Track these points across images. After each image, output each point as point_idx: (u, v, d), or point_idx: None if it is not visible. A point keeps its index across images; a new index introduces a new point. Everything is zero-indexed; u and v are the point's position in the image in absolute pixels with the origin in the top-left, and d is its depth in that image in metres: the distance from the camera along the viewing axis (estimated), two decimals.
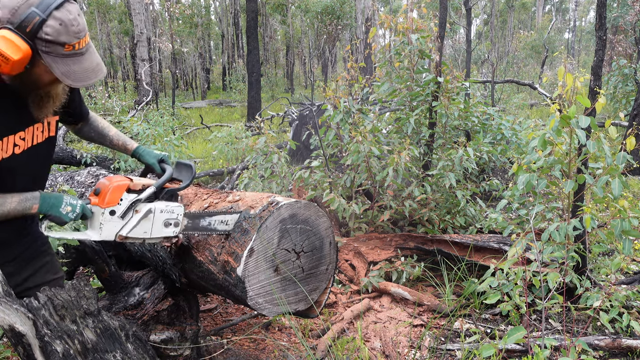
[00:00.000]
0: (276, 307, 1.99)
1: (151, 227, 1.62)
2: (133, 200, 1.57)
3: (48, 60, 1.29)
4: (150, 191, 1.61)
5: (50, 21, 1.26)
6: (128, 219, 1.57)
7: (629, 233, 2.38)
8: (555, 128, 2.49)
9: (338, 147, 4.38)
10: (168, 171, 1.71)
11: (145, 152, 1.84)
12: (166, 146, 6.08)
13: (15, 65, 1.26)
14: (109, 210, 1.54)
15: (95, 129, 1.85)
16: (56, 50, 1.29)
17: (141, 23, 14.00)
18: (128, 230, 1.57)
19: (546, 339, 2.00)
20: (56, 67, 1.30)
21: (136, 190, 1.61)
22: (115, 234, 1.57)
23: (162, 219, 1.64)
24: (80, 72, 1.34)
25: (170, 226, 1.68)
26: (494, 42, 29.01)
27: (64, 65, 1.31)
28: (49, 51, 1.28)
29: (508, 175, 5.53)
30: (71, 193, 2.73)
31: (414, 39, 3.98)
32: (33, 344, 1.18)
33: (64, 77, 1.31)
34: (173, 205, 1.67)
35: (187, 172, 1.80)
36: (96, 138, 1.86)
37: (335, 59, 22.06)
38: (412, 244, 3.60)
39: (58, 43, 1.28)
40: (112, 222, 1.55)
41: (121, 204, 1.55)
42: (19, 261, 1.61)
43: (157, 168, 1.82)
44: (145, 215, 1.59)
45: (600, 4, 2.96)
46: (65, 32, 1.28)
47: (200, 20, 26.58)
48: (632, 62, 10.42)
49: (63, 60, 1.30)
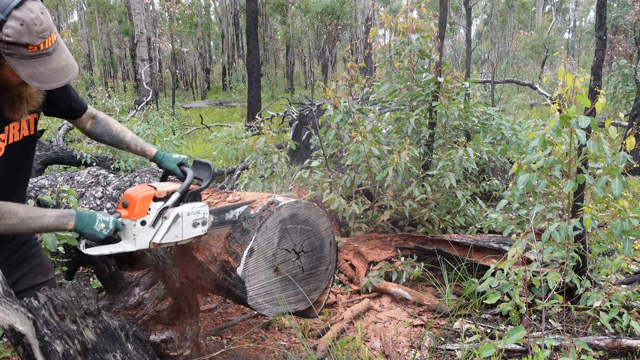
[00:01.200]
0: (276, 307, 1.99)
1: (181, 231, 1.69)
2: (161, 208, 1.63)
3: (12, 63, 1.23)
4: (176, 197, 1.67)
5: (10, 22, 1.19)
6: (159, 226, 1.63)
7: (629, 233, 2.38)
8: (555, 128, 2.49)
9: (338, 147, 4.38)
10: (189, 175, 1.76)
11: (165, 158, 1.85)
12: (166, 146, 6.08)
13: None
14: (139, 221, 1.59)
15: (109, 132, 1.83)
16: (19, 51, 1.23)
17: (141, 23, 14.00)
18: (160, 237, 1.64)
19: (546, 339, 2.00)
20: (21, 70, 1.24)
21: (162, 198, 1.67)
22: (149, 242, 1.63)
23: (190, 220, 1.71)
24: (47, 74, 1.28)
25: (198, 226, 1.74)
26: (494, 42, 29.01)
27: (30, 67, 1.25)
28: (11, 53, 1.22)
29: (508, 175, 5.53)
30: (71, 193, 2.73)
31: (414, 39, 3.98)
32: (33, 344, 1.18)
33: (30, 79, 1.25)
34: (198, 205, 1.73)
35: (206, 170, 1.85)
36: (110, 141, 1.84)
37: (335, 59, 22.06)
38: (412, 244, 3.60)
39: (20, 44, 1.22)
40: (145, 231, 1.61)
41: (150, 213, 1.61)
42: (7, 264, 1.61)
43: (178, 172, 1.85)
44: (174, 220, 1.66)
45: (600, 4, 2.96)
46: (27, 32, 1.21)
47: (200, 20, 26.59)
48: (632, 62, 10.42)
49: (28, 61, 1.24)
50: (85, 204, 3.10)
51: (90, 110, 1.82)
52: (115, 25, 27.83)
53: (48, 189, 3.02)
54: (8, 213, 1.37)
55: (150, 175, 3.09)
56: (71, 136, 9.74)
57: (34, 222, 1.41)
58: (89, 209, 2.88)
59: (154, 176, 3.08)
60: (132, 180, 2.96)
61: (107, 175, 3.25)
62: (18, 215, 1.39)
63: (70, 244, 2.28)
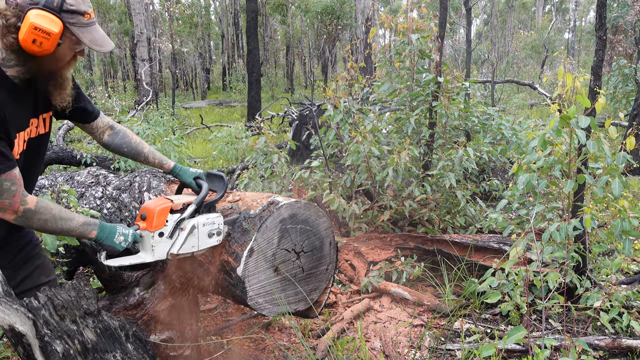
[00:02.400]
0: (276, 307, 1.99)
1: (197, 241, 1.76)
2: (178, 219, 1.69)
3: (75, 31, 1.39)
4: (192, 209, 1.73)
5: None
6: (176, 237, 1.70)
7: (629, 233, 2.38)
8: (555, 128, 2.49)
9: (338, 147, 4.38)
10: (204, 188, 1.82)
11: (182, 172, 1.91)
12: (166, 146, 6.08)
13: (55, 40, 1.35)
14: (157, 232, 1.65)
15: (128, 144, 1.87)
16: (79, 20, 1.39)
17: (141, 23, 14.00)
18: (178, 248, 1.70)
19: (546, 339, 2.00)
20: (84, 36, 1.40)
21: (178, 210, 1.73)
22: (166, 253, 1.69)
23: (206, 231, 1.77)
24: (100, 39, 1.44)
25: (213, 236, 1.81)
26: (494, 42, 29.00)
27: (88, 33, 1.42)
28: (74, 22, 1.39)
29: (508, 175, 5.52)
30: (71, 193, 2.73)
31: (414, 39, 3.98)
32: (33, 344, 1.18)
33: (92, 43, 1.42)
34: (213, 216, 1.80)
35: (220, 182, 1.93)
36: (129, 153, 1.88)
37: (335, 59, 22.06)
38: (412, 244, 3.60)
39: (79, 12, 1.39)
40: (162, 243, 1.67)
41: (167, 225, 1.68)
42: (12, 265, 1.62)
43: (194, 185, 1.91)
44: (191, 231, 1.72)
45: (600, 4, 2.96)
46: (82, 1, 1.40)
47: (200, 20, 26.58)
48: (632, 62, 10.42)
49: (87, 29, 1.41)
50: (85, 204, 3.10)
51: (107, 120, 1.86)
52: (115, 25, 27.82)
53: (48, 189, 3.02)
54: (44, 209, 1.44)
55: (150, 175, 3.09)
56: (71, 136, 9.73)
57: (64, 223, 1.48)
58: (89, 209, 2.88)
59: (153, 176, 3.08)
60: (132, 180, 2.96)
61: (107, 175, 3.25)
62: (52, 213, 1.46)
63: (70, 244, 2.28)
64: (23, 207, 1.41)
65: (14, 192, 1.39)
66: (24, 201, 1.41)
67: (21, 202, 1.40)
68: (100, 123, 1.82)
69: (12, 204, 1.39)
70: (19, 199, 1.40)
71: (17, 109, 1.43)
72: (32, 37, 1.32)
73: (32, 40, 1.32)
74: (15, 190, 1.39)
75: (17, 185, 1.40)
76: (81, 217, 1.52)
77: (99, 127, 1.82)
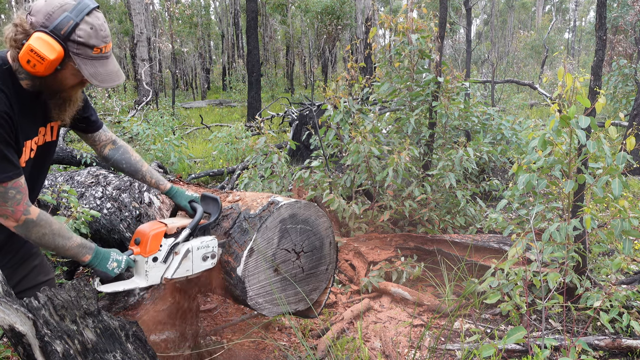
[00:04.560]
0: (276, 307, 1.99)
1: (192, 265, 1.75)
2: (172, 244, 1.69)
3: (78, 62, 1.39)
4: (187, 233, 1.74)
5: (82, 25, 1.37)
6: (170, 261, 1.70)
7: (629, 233, 2.38)
8: (555, 128, 2.49)
9: (338, 147, 4.38)
10: (199, 211, 1.83)
11: (177, 194, 1.92)
12: (166, 146, 6.08)
13: (49, 65, 1.35)
14: (151, 257, 1.65)
15: (128, 160, 1.88)
16: (85, 52, 1.39)
17: (141, 23, 14.00)
18: (172, 272, 1.70)
19: (546, 339, 2.00)
20: (85, 68, 1.40)
21: (172, 234, 1.73)
22: (160, 278, 1.69)
23: (200, 255, 1.77)
24: (105, 74, 1.44)
25: (208, 259, 1.80)
26: (494, 42, 29.00)
27: (92, 67, 1.41)
28: (79, 53, 1.38)
29: (508, 175, 5.52)
30: (72, 193, 2.73)
31: (414, 39, 3.98)
32: (33, 344, 1.18)
33: (91, 77, 1.41)
34: (207, 240, 1.80)
35: (214, 205, 1.92)
36: (127, 170, 1.88)
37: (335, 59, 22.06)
38: (412, 244, 3.60)
39: (88, 45, 1.38)
40: (156, 267, 1.67)
41: (161, 249, 1.67)
42: (11, 265, 1.63)
43: (189, 209, 1.91)
44: (185, 255, 1.72)
45: (600, 4, 2.96)
46: (95, 35, 1.39)
47: (200, 20, 26.57)
48: (632, 62, 10.42)
49: (91, 62, 1.41)
50: (85, 204, 3.10)
51: (110, 134, 1.87)
52: (115, 25, 27.82)
53: (48, 189, 3.02)
54: (45, 222, 1.46)
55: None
56: (71, 136, 9.72)
57: (61, 240, 1.49)
58: (89, 208, 2.88)
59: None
60: (132, 180, 2.96)
61: (107, 175, 3.25)
62: (52, 227, 1.47)
63: None
64: (25, 216, 1.42)
65: (19, 201, 1.41)
66: (27, 211, 1.43)
67: (24, 211, 1.42)
68: (103, 136, 1.84)
69: (14, 212, 1.41)
70: (22, 208, 1.42)
71: (27, 118, 1.46)
72: (27, 57, 1.34)
73: (27, 61, 1.34)
74: (20, 199, 1.41)
75: (22, 194, 1.42)
76: (78, 239, 1.53)
77: (102, 140, 1.84)
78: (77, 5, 1.37)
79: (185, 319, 2.14)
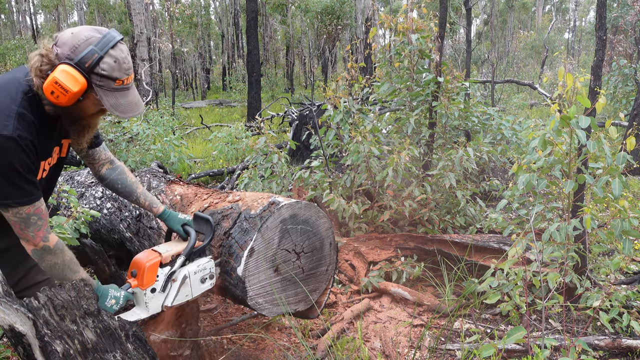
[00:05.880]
0: (276, 307, 1.99)
1: (191, 290, 1.77)
2: (168, 273, 1.70)
3: (100, 93, 1.42)
4: (182, 260, 1.74)
5: (106, 58, 1.40)
6: (168, 290, 1.71)
7: (629, 233, 2.38)
8: (555, 128, 2.49)
9: (338, 147, 4.38)
10: (192, 236, 1.81)
11: (170, 218, 1.91)
12: (166, 146, 6.08)
13: (72, 97, 1.38)
14: (149, 289, 1.67)
15: (124, 181, 1.87)
16: (108, 84, 1.42)
17: (141, 23, 14.00)
18: (172, 300, 1.71)
19: (546, 339, 2.00)
20: (106, 100, 1.43)
21: (168, 262, 1.73)
22: (161, 306, 1.70)
23: (197, 278, 1.78)
24: (125, 105, 1.47)
25: (206, 281, 1.81)
26: (494, 42, 28.99)
27: (113, 98, 1.44)
28: (101, 85, 1.41)
29: (508, 175, 5.52)
30: (72, 193, 2.73)
31: (414, 39, 3.98)
32: (33, 344, 1.18)
33: (112, 108, 1.44)
34: (203, 262, 1.80)
35: (207, 225, 1.91)
36: (122, 191, 1.88)
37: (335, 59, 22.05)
38: (412, 244, 3.60)
39: (111, 78, 1.41)
40: (155, 297, 1.68)
41: (158, 279, 1.68)
42: (11, 264, 1.65)
43: (182, 232, 1.90)
44: (183, 281, 1.73)
45: (600, 4, 2.96)
46: (118, 68, 1.42)
47: (200, 20, 26.57)
48: (632, 62, 10.42)
49: (113, 93, 1.44)
50: (85, 204, 3.10)
51: (109, 154, 1.88)
52: (115, 25, 27.80)
53: None
54: (60, 251, 1.52)
55: (150, 175, 3.09)
56: None
57: (68, 272, 1.54)
58: (89, 208, 2.88)
59: (153, 176, 3.07)
60: None
61: None
62: (64, 259, 1.53)
63: (70, 244, 2.28)
64: (44, 243, 1.48)
65: (39, 227, 1.46)
66: (46, 237, 1.48)
67: (43, 237, 1.47)
68: (103, 155, 1.84)
69: (35, 237, 1.46)
70: (42, 234, 1.47)
71: (45, 140, 1.50)
72: (51, 88, 1.36)
73: (51, 92, 1.37)
74: (40, 225, 1.46)
75: (43, 221, 1.47)
76: (84, 274, 1.57)
77: (101, 159, 1.84)
78: (102, 38, 1.40)
79: (185, 319, 2.14)
